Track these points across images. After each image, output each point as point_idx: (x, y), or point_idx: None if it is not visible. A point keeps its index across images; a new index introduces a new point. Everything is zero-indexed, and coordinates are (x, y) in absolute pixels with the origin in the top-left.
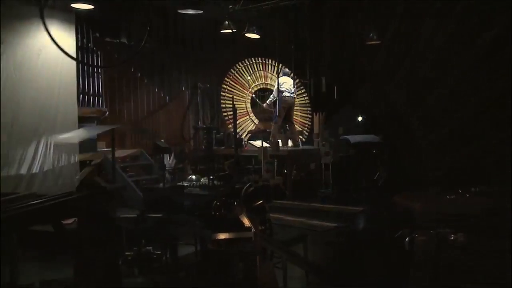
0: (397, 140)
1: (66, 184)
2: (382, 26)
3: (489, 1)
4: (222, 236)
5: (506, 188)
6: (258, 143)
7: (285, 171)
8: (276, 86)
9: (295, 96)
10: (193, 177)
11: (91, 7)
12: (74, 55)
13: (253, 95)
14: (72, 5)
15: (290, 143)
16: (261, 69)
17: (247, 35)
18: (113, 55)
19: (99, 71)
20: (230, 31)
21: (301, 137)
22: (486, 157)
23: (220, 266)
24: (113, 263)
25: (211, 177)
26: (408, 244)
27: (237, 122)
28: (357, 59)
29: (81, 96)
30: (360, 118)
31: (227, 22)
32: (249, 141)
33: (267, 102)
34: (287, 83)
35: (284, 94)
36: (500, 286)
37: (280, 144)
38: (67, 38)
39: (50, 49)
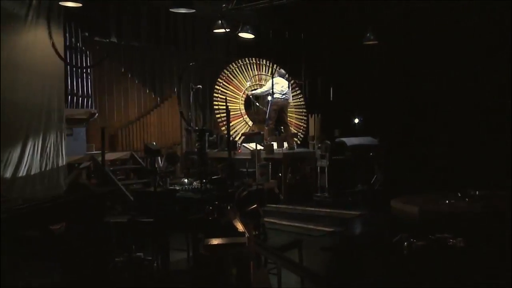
0: (395, 142)
1: (54, 188)
2: (379, 26)
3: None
4: (215, 241)
5: (506, 191)
6: (252, 145)
7: (280, 174)
8: (265, 86)
9: (287, 97)
10: (185, 180)
11: (80, 5)
12: (62, 55)
13: (251, 92)
14: (61, 3)
15: (285, 145)
16: (255, 70)
17: (241, 34)
18: (103, 55)
19: (88, 71)
20: (223, 30)
21: (296, 139)
22: (486, 160)
23: (212, 272)
24: (103, 269)
25: (204, 180)
26: (406, 249)
27: (231, 124)
28: (354, 59)
29: (69, 96)
30: (356, 120)
31: (220, 21)
32: (243, 144)
33: (253, 92)
34: (279, 85)
35: (275, 96)
36: (500, 286)
37: (275, 147)
38: (55, 37)
39: (37, 48)
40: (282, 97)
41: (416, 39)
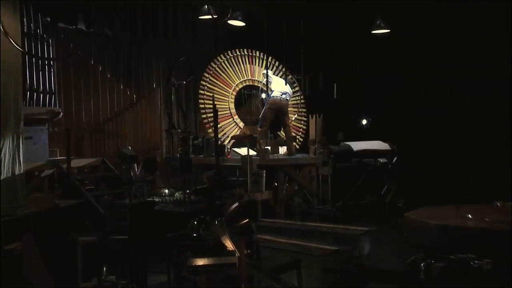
0: (408, 147)
1: (9, 201)
2: (392, 14)
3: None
4: (201, 261)
5: None
6: (243, 150)
7: (276, 184)
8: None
9: (287, 98)
10: (166, 191)
11: None
12: (19, 44)
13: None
14: None
15: (283, 150)
16: (247, 63)
17: (230, 22)
18: (69, 44)
19: (51, 63)
20: (210, 17)
21: (294, 143)
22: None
23: None
24: None
25: (188, 191)
26: (423, 272)
27: (219, 126)
28: (361, 51)
29: (28, 93)
30: (364, 122)
31: (206, 6)
32: (233, 148)
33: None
34: (279, 85)
35: (273, 94)
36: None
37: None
38: (10, 22)
39: None
40: (282, 96)
41: (432, 31)
